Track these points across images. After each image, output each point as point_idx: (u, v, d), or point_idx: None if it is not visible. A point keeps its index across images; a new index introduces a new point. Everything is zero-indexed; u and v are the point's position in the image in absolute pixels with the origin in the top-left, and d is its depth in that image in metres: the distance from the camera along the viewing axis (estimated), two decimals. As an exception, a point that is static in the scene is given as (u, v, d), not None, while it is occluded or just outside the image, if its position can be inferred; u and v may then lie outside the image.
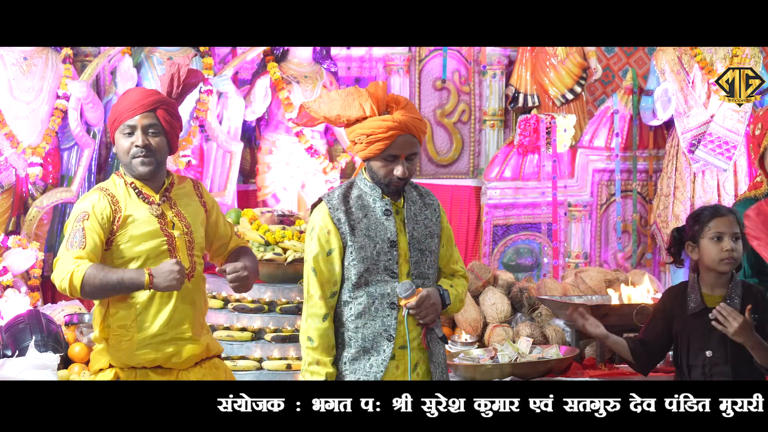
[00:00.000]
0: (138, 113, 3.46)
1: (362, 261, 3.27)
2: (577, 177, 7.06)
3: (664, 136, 7.09)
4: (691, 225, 3.74)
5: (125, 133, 3.47)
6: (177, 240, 3.48)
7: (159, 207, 3.50)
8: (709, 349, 3.64)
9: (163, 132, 3.50)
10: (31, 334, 4.99)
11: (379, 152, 3.26)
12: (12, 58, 6.11)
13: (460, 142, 7.33)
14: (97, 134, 6.38)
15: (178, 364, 3.49)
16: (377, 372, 3.27)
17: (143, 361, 3.45)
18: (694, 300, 3.69)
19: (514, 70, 7.21)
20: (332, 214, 3.29)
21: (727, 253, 3.63)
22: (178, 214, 3.52)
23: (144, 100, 3.48)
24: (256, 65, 6.84)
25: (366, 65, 7.16)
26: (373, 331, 3.29)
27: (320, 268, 3.28)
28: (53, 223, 6.27)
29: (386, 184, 3.31)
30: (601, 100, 7.57)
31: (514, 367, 4.83)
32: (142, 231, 3.45)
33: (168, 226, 3.48)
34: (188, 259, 3.49)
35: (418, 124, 3.30)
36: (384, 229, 3.31)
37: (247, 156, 6.87)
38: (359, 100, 3.27)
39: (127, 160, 3.48)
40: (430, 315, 3.30)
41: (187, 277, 3.41)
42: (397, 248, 3.30)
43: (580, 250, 7.05)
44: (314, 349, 3.27)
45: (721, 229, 3.65)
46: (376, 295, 3.29)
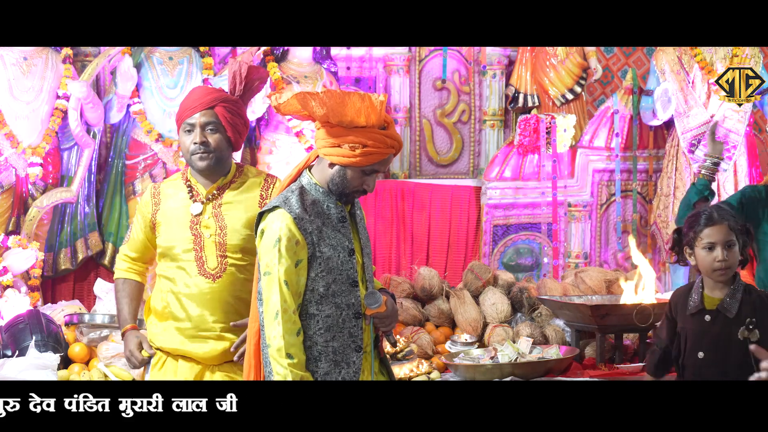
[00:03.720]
0: (197, 111, 3.59)
1: (330, 272, 3.19)
2: (577, 177, 7.06)
3: (664, 136, 7.09)
4: (687, 231, 3.72)
5: (186, 131, 3.62)
6: (205, 240, 3.58)
7: (201, 205, 3.61)
8: (701, 350, 3.63)
9: (222, 129, 3.60)
10: (31, 334, 4.99)
11: (366, 164, 3.18)
12: (12, 58, 6.11)
13: (460, 142, 7.33)
14: (97, 134, 6.37)
15: (203, 359, 3.60)
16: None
17: (169, 348, 3.64)
18: (694, 300, 3.68)
19: (514, 70, 7.21)
20: (299, 224, 3.17)
21: (719, 264, 3.60)
22: (217, 214, 3.60)
23: (203, 98, 3.61)
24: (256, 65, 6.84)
25: (366, 65, 7.15)
26: (342, 343, 3.22)
27: (292, 281, 3.16)
28: (53, 223, 6.27)
29: (347, 194, 3.24)
30: (600, 101, 7.57)
31: (514, 367, 4.84)
32: (173, 227, 3.63)
33: (200, 225, 3.58)
34: (216, 260, 3.56)
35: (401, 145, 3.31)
36: (342, 237, 3.24)
37: (247, 156, 6.87)
38: (370, 108, 3.15)
39: (188, 156, 3.64)
40: (394, 322, 3.34)
41: (212, 278, 3.57)
42: (355, 256, 3.25)
43: (580, 250, 7.05)
44: (296, 366, 3.14)
45: (713, 239, 3.62)
46: (343, 306, 3.21)
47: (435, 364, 5.17)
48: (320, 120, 3.20)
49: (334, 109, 3.14)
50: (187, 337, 3.59)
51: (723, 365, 3.59)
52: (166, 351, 3.66)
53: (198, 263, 3.57)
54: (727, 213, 3.70)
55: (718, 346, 3.60)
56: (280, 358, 3.14)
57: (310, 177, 3.27)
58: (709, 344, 3.61)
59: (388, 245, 6.75)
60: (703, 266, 3.66)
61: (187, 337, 3.59)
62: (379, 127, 3.20)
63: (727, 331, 3.59)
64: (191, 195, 3.64)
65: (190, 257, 3.58)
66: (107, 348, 4.97)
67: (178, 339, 3.61)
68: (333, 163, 3.21)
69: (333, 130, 3.19)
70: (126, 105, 6.35)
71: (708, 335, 3.60)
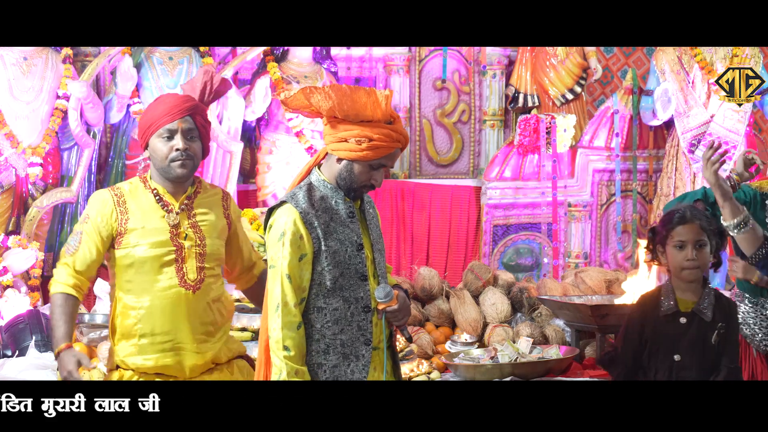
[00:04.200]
0: (177, 117, 3.50)
1: (336, 266, 3.22)
2: (577, 177, 7.06)
3: (664, 136, 7.09)
4: (660, 229, 3.69)
5: (164, 137, 3.50)
6: (186, 250, 3.50)
7: (177, 216, 3.52)
8: (678, 353, 3.59)
9: (199, 137, 3.55)
10: (31, 334, 5.00)
11: (373, 158, 3.22)
12: (12, 58, 6.11)
13: (460, 142, 7.34)
14: (97, 134, 6.38)
15: (180, 374, 3.50)
16: (360, 378, 3.23)
17: (143, 367, 3.48)
18: (668, 303, 3.64)
19: (514, 70, 7.21)
20: (304, 218, 3.21)
21: (688, 263, 3.58)
22: (194, 225, 3.54)
23: (182, 105, 3.52)
24: (256, 65, 6.84)
25: (366, 65, 7.16)
26: (351, 336, 3.24)
27: (295, 275, 3.20)
28: (53, 223, 6.27)
29: (355, 189, 3.26)
30: (600, 101, 7.58)
31: (514, 367, 4.84)
32: (152, 238, 3.48)
33: (180, 236, 3.51)
34: (196, 271, 3.51)
35: (408, 141, 3.33)
36: (350, 231, 3.27)
37: (247, 156, 6.87)
38: (376, 102, 3.21)
39: (165, 163, 3.50)
40: (406, 316, 3.32)
41: (192, 289, 3.48)
42: (363, 250, 3.28)
43: (580, 250, 7.05)
44: (292, 359, 3.17)
45: (683, 237, 3.59)
46: (351, 299, 3.24)
47: (435, 364, 5.17)
48: (327, 115, 3.24)
49: (340, 103, 3.18)
50: (164, 351, 3.48)
51: (699, 368, 3.58)
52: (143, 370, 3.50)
53: (179, 275, 3.48)
54: (701, 213, 3.69)
55: (695, 349, 3.58)
56: (277, 350, 3.18)
57: (319, 174, 3.30)
58: (687, 347, 3.58)
59: (388, 245, 6.74)
60: (672, 265, 3.63)
61: (165, 351, 3.48)
62: (385, 121, 3.25)
63: (703, 334, 3.58)
64: (162, 205, 3.52)
65: (170, 269, 3.48)
66: (107, 348, 4.96)
67: (155, 355, 3.48)
68: (340, 158, 3.25)
69: (340, 125, 3.23)
70: (126, 105, 6.36)
71: (684, 338, 3.59)
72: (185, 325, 3.48)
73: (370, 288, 3.27)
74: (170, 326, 3.47)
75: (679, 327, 3.58)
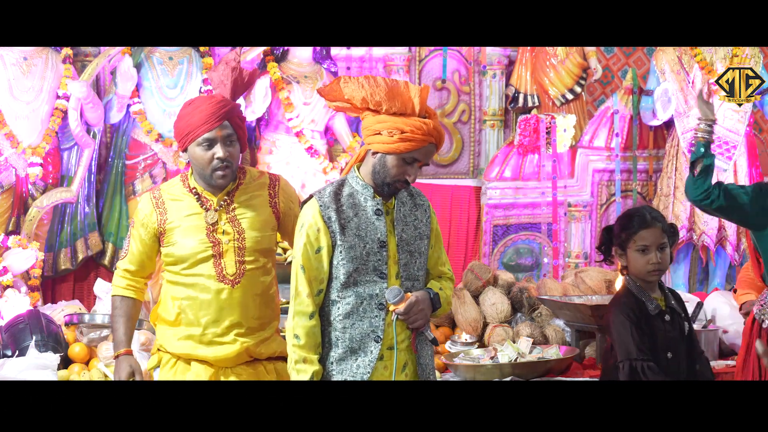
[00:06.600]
0: (216, 126, 3.53)
1: (351, 261, 3.27)
2: (577, 177, 7.06)
3: (664, 136, 7.09)
4: (619, 232, 3.70)
5: (203, 146, 3.54)
6: (224, 246, 3.56)
7: (215, 213, 3.57)
8: (670, 350, 3.63)
9: (237, 138, 3.59)
10: (31, 334, 4.99)
11: (405, 151, 3.26)
12: (12, 58, 6.11)
13: (460, 142, 7.33)
14: (97, 134, 6.38)
15: (217, 361, 3.59)
16: (364, 373, 3.27)
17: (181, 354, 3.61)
18: (653, 302, 3.66)
19: (514, 70, 7.21)
20: (323, 212, 3.28)
21: (653, 266, 3.62)
22: (233, 219, 3.59)
23: (219, 112, 3.54)
24: (256, 65, 6.84)
25: (366, 65, 7.15)
26: (360, 331, 3.29)
27: (309, 265, 3.28)
28: (53, 223, 6.27)
29: (389, 184, 3.30)
30: (600, 101, 7.57)
31: (514, 367, 4.84)
32: (189, 236, 3.57)
33: (217, 232, 3.57)
34: (235, 265, 3.56)
35: (443, 138, 3.38)
36: (374, 228, 3.30)
37: (247, 156, 6.87)
38: (409, 95, 3.28)
39: (207, 171, 3.56)
40: (419, 320, 3.31)
41: (231, 283, 3.55)
42: (386, 249, 3.30)
43: (580, 250, 7.05)
44: (301, 347, 3.26)
45: (646, 242, 3.62)
46: (364, 295, 3.29)
47: (435, 364, 5.17)
48: (361, 106, 3.31)
49: (372, 93, 3.26)
50: (202, 343, 3.57)
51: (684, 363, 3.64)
52: (177, 355, 3.62)
53: (217, 270, 3.55)
54: (659, 214, 3.73)
55: (679, 345, 3.65)
56: (289, 337, 3.30)
57: (356, 172, 3.37)
58: (674, 344, 3.64)
59: (388, 245, 6.74)
60: (635, 267, 3.66)
61: (203, 342, 3.57)
62: (420, 115, 3.30)
63: (680, 330, 3.67)
64: (201, 203, 3.59)
65: (208, 265, 3.56)
66: (107, 348, 4.96)
67: (192, 344, 3.58)
68: (375, 151, 3.30)
69: (375, 117, 3.30)
70: (126, 105, 6.36)
71: (670, 335, 3.62)
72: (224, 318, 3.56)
73: (388, 287, 3.30)
74: (209, 319, 3.56)
75: (666, 325, 3.62)
